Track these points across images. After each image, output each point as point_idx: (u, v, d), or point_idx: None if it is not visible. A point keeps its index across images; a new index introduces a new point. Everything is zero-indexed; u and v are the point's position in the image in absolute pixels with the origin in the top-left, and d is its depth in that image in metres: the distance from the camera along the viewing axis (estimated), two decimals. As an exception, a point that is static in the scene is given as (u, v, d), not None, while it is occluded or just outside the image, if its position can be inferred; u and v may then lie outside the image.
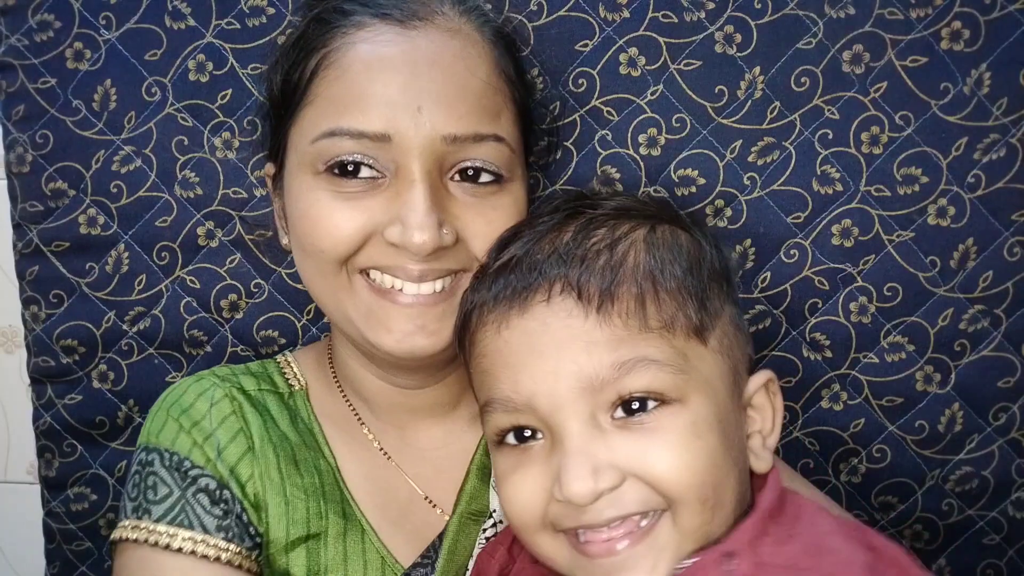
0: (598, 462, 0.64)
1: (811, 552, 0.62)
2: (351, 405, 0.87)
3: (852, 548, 0.63)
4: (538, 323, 0.67)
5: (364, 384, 0.85)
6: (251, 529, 0.78)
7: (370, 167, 0.74)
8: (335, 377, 0.88)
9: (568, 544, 0.67)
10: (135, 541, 0.76)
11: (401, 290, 0.75)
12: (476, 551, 0.81)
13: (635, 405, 0.66)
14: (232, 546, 0.76)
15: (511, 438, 0.70)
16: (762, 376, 0.72)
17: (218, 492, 0.78)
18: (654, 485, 0.64)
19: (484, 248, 0.76)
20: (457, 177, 0.76)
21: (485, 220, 0.76)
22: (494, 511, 0.82)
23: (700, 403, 0.66)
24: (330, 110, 0.75)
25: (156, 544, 0.75)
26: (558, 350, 0.66)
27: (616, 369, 0.65)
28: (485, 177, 0.76)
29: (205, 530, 0.76)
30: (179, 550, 0.75)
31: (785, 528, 0.65)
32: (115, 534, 0.78)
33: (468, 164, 0.75)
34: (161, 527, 0.76)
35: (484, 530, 0.82)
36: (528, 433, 0.69)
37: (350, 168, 0.75)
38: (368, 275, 0.76)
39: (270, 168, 0.85)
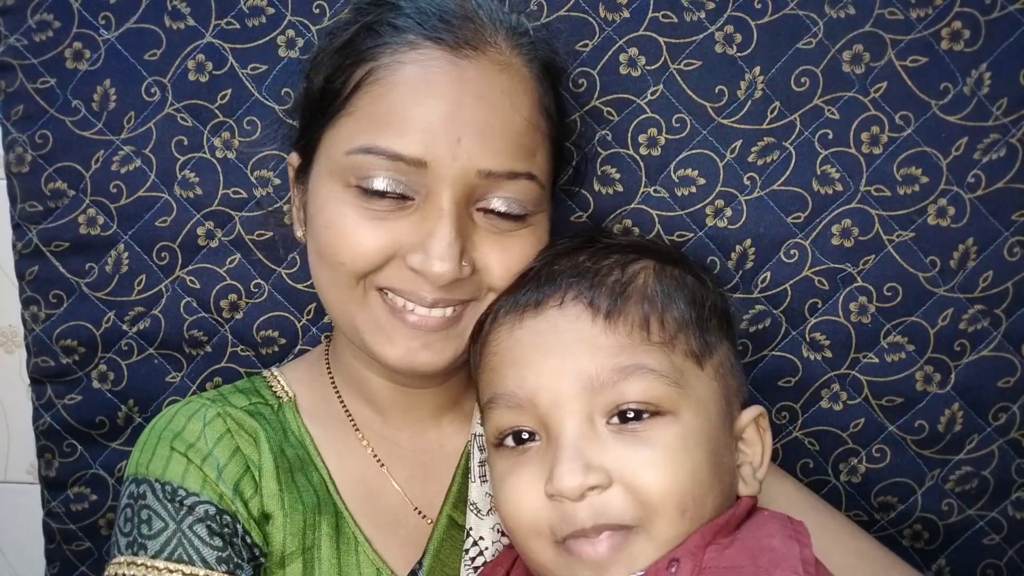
0: (590, 460, 0.66)
1: (749, 552, 0.65)
2: (347, 411, 0.87)
3: (788, 545, 0.65)
4: (549, 325, 0.71)
5: (367, 384, 0.85)
6: (255, 550, 0.77)
7: (400, 193, 0.74)
8: (333, 383, 0.88)
9: (562, 549, 0.68)
10: None
11: (413, 311, 0.76)
12: (463, 572, 0.81)
13: (630, 415, 0.68)
14: None
15: (510, 440, 0.72)
16: (753, 410, 0.75)
17: (218, 518, 0.76)
18: (636, 492, 0.66)
19: (498, 277, 0.77)
20: (483, 207, 0.77)
21: (503, 248, 0.77)
22: (470, 529, 0.82)
23: (691, 418, 0.69)
24: (370, 127, 0.74)
25: None
26: (564, 350, 0.70)
27: (616, 373, 0.68)
28: (511, 213, 0.77)
29: (206, 564, 0.74)
30: None
31: (731, 537, 0.67)
32: (109, 570, 0.75)
33: (495, 206, 0.76)
34: (159, 563, 0.73)
35: (467, 550, 0.81)
36: (526, 436, 0.71)
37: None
38: (384, 293, 0.77)
39: (294, 158, 0.84)
